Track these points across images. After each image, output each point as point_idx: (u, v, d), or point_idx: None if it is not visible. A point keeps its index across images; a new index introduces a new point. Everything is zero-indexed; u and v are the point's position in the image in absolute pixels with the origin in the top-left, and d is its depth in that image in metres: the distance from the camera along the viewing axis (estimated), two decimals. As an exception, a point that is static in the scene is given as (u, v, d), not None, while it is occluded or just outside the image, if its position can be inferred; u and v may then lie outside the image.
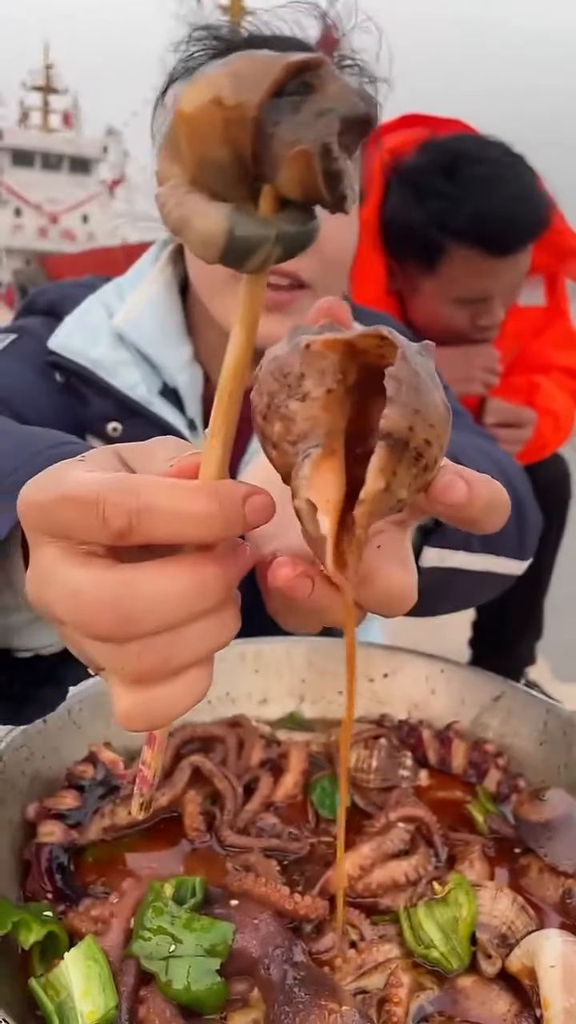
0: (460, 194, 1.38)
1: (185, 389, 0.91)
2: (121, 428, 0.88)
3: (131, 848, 0.61)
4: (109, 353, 0.89)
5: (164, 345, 0.91)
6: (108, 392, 0.88)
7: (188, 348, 0.93)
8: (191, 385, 0.91)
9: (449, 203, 1.38)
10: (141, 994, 0.47)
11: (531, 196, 1.41)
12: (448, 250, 1.41)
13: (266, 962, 0.48)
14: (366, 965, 0.51)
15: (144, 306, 0.91)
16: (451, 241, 1.40)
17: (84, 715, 0.69)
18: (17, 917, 0.50)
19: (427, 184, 1.42)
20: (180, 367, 0.91)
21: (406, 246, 1.47)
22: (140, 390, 0.88)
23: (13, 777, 0.61)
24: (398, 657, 0.80)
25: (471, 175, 1.39)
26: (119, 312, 0.91)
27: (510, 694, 0.74)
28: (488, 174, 1.39)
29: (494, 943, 0.52)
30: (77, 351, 0.88)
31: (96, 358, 0.88)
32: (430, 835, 0.62)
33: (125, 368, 0.89)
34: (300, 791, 0.67)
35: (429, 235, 1.41)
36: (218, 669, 0.79)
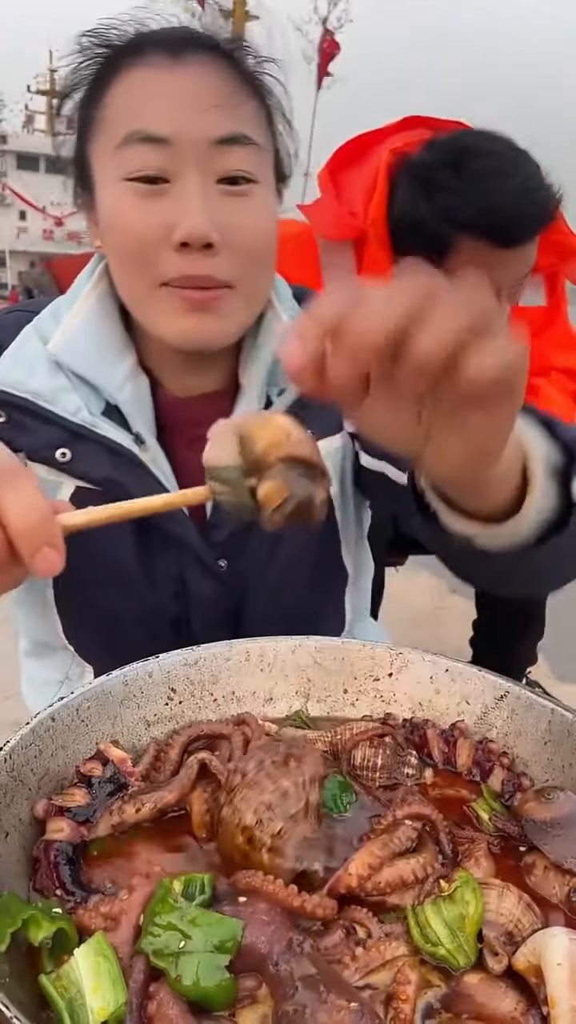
0: (467, 187, 1.38)
1: (127, 404, 0.89)
2: (69, 453, 0.87)
3: (139, 845, 0.62)
4: (48, 381, 0.88)
5: (101, 362, 0.89)
6: (51, 420, 0.87)
7: (130, 358, 0.91)
8: (134, 398, 0.90)
9: (456, 197, 1.38)
10: (150, 990, 0.47)
11: (537, 188, 1.42)
12: (456, 244, 1.41)
13: (275, 958, 0.48)
14: (373, 963, 0.52)
15: (78, 325, 0.90)
16: (459, 234, 1.40)
17: (92, 713, 0.70)
18: (27, 914, 0.50)
19: (434, 179, 1.42)
20: (120, 383, 0.89)
21: (414, 242, 1.47)
22: (83, 413, 0.87)
23: (22, 775, 0.62)
24: (403, 657, 0.80)
25: (477, 168, 1.39)
26: (54, 337, 0.90)
27: (514, 694, 0.74)
28: (494, 167, 1.40)
29: (501, 941, 0.53)
30: (16, 384, 0.88)
31: (35, 388, 0.87)
32: (436, 833, 0.62)
33: (65, 394, 0.88)
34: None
35: (437, 229, 1.42)
36: (223, 668, 0.81)
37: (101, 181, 0.84)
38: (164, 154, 0.79)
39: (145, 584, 0.93)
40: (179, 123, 0.78)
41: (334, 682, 0.81)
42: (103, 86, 0.83)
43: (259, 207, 0.84)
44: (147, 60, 0.81)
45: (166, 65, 0.80)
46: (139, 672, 0.74)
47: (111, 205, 0.83)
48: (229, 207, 0.81)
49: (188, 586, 0.93)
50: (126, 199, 0.81)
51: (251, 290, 0.86)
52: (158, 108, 0.79)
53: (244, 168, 0.82)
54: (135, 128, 0.79)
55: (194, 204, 0.79)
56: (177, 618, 0.95)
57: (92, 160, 0.85)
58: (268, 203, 0.86)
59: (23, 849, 0.59)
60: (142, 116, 0.79)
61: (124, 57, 0.82)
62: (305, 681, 0.81)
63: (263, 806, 0.58)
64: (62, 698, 0.68)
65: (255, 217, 0.84)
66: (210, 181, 0.80)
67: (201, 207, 0.79)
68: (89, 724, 0.69)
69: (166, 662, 0.76)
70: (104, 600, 0.94)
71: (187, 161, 0.79)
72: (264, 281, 0.89)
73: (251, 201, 0.83)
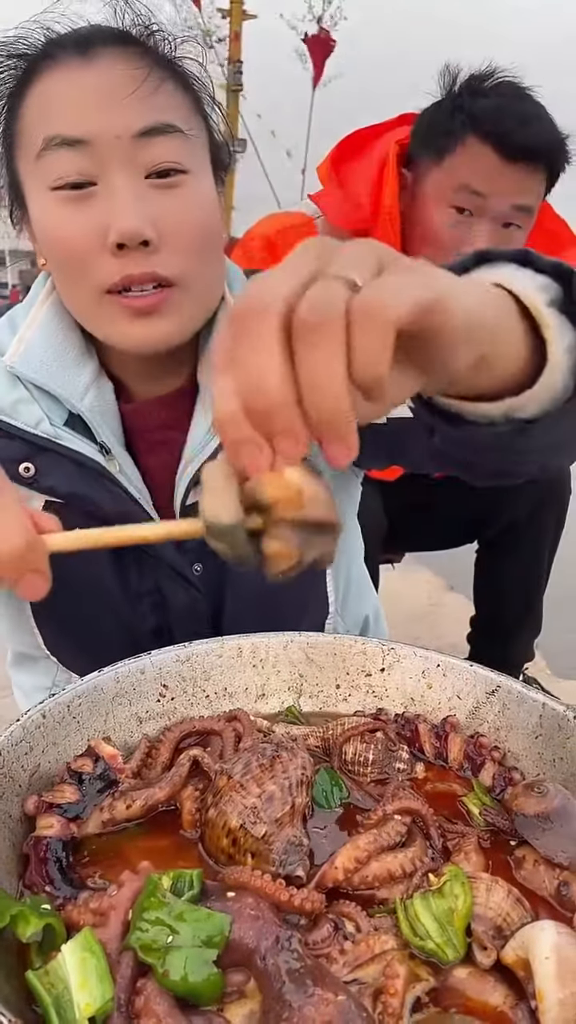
0: (490, 91, 1.47)
1: (91, 413, 0.87)
2: (33, 467, 0.86)
3: (129, 842, 0.62)
4: (6, 394, 0.86)
5: (61, 371, 0.87)
6: (12, 433, 0.85)
7: (91, 364, 0.89)
8: (98, 406, 0.88)
9: (478, 95, 1.46)
10: (138, 985, 0.47)
11: (550, 121, 1.49)
12: (463, 138, 1.46)
13: (263, 953, 0.48)
14: (362, 957, 0.52)
15: (35, 334, 0.88)
16: (466, 131, 1.45)
17: (83, 710, 0.70)
18: (15, 910, 0.50)
19: (466, 83, 1.50)
20: (82, 391, 0.87)
21: (426, 136, 1.52)
22: (44, 425, 0.86)
23: (12, 771, 0.62)
24: (395, 652, 0.80)
25: (504, 83, 1.49)
26: (9, 348, 0.88)
27: (506, 689, 0.74)
28: (520, 91, 1.48)
29: (489, 935, 0.53)
30: None
31: None
32: (426, 827, 0.62)
33: (25, 406, 0.86)
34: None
35: (450, 123, 1.47)
36: (215, 664, 0.81)
37: (30, 195, 0.82)
38: (85, 156, 0.76)
39: (122, 598, 0.91)
40: (95, 121, 0.76)
41: (326, 678, 0.81)
42: (19, 98, 0.80)
43: (194, 197, 0.81)
44: (58, 63, 0.78)
45: (77, 65, 0.78)
46: (131, 669, 0.74)
47: (42, 218, 0.81)
48: (162, 201, 0.79)
49: (166, 596, 0.92)
50: (55, 209, 0.79)
51: (197, 285, 0.83)
52: (73, 109, 0.77)
53: (172, 159, 0.79)
54: (52, 133, 0.76)
55: (124, 203, 0.76)
56: (158, 628, 0.94)
57: (20, 174, 0.83)
58: (204, 192, 0.83)
59: (13, 846, 0.59)
60: (58, 120, 0.77)
61: (36, 64, 0.80)
62: (297, 677, 0.81)
63: (248, 810, 0.58)
64: (53, 695, 0.68)
65: (191, 208, 0.81)
66: (138, 177, 0.78)
67: (131, 205, 0.76)
68: (80, 721, 0.69)
69: (158, 659, 0.76)
70: (83, 615, 0.92)
71: (110, 160, 0.77)
72: (211, 273, 0.86)
73: (185, 192, 0.80)
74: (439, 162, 1.50)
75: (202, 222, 0.82)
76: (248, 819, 0.58)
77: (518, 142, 1.43)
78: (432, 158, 1.51)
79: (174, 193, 0.80)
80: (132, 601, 0.92)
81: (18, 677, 1.07)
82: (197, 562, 0.92)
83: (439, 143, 1.49)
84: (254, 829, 0.58)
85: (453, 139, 1.47)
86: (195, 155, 0.82)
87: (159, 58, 0.80)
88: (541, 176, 1.49)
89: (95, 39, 0.79)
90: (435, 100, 1.53)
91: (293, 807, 0.60)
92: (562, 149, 1.49)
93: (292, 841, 0.58)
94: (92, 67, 0.77)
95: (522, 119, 1.43)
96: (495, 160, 1.44)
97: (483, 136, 1.43)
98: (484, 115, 1.43)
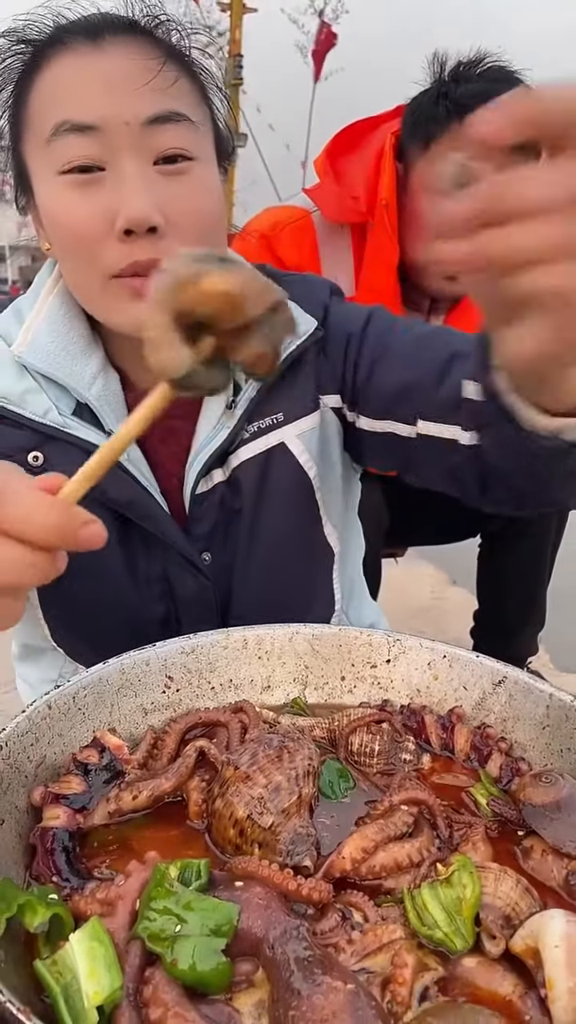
0: (477, 77, 1.47)
1: (98, 401, 0.88)
2: (42, 456, 0.86)
3: (136, 832, 0.62)
4: (14, 384, 0.86)
5: (68, 361, 0.88)
6: (21, 423, 0.86)
7: (98, 354, 0.90)
8: (105, 395, 0.89)
9: (464, 82, 1.46)
10: (146, 974, 0.47)
11: None
12: (448, 126, 1.46)
13: (271, 942, 0.48)
14: (370, 946, 0.51)
15: (42, 324, 0.89)
16: (453, 117, 1.45)
17: (88, 702, 0.69)
18: (23, 900, 0.50)
19: (453, 69, 1.50)
20: (89, 380, 0.88)
21: (414, 125, 1.52)
22: (52, 415, 0.86)
23: (18, 762, 0.62)
24: (400, 643, 0.80)
25: (492, 68, 1.49)
26: (17, 339, 0.88)
27: (512, 679, 0.74)
28: (507, 75, 1.48)
29: (498, 924, 0.53)
30: None
31: (2, 392, 0.86)
32: (433, 817, 0.62)
33: (33, 395, 0.86)
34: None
35: (434, 109, 1.47)
36: (221, 656, 0.81)
37: (37, 180, 0.82)
38: (95, 141, 0.77)
39: (130, 585, 0.91)
40: (106, 108, 0.76)
41: (331, 669, 0.81)
42: (27, 83, 0.81)
43: (201, 184, 0.82)
44: (68, 49, 0.79)
45: (87, 51, 0.78)
46: (136, 661, 0.74)
47: (49, 203, 0.81)
48: (169, 188, 0.79)
49: (173, 584, 0.92)
50: (63, 194, 0.79)
51: None
52: (83, 95, 0.77)
53: (180, 146, 0.79)
54: (62, 118, 0.77)
55: (133, 189, 0.77)
56: (166, 617, 0.94)
57: (27, 159, 0.83)
58: (210, 180, 0.84)
59: (19, 837, 0.59)
60: (67, 105, 0.77)
61: (45, 50, 0.80)
62: (303, 668, 0.81)
63: (255, 800, 0.58)
64: (58, 686, 0.68)
65: (198, 195, 0.81)
66: (146, 163, 0.78)
67: (140, 191, 0.77)
68: (86, 712, 0.69)
69: (163, 650, 0.76)
70: (90, 604, 0.92)
71: (119, 146, 0.77)
72: None
73: (191, 179, 0.81)
74: (425, 151, 1.50)
75: (208, 208, 0.83)
76: (255, 809, 0.58)
77: None
78: (420, 147, 1.51)
79: (181, 180, 0.80)
80: (140, 588, 0.92)
81: (23, 670, 1.06)
82: (206, 551, 0.92)
83: (425, 131, 1.49)
84: (261, 819, 0.58)
85: (438, 126, 1.47)
86: (201, 143, 0.83)
87: (168, 47, 0.81)
88: (532, 159, 1.48)
89: (105, 27, 0.79)
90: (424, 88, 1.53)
91: (300, 797, 0.59)
92: None
93: (299, 831, 0.58)
94: (102, 54, 0.78)
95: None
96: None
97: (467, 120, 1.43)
98: (467, 100, 1.42)
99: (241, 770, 0.60)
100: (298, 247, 1.59)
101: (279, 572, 0.96)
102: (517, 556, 1.86)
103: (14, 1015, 0.41)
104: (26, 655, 1.05)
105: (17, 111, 0.82)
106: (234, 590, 0.95)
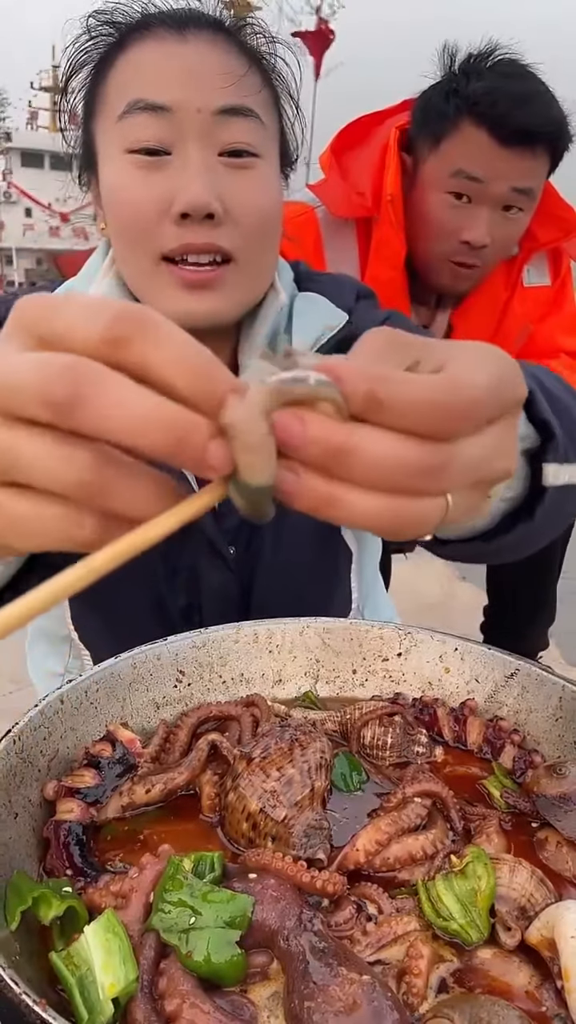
0: (486, 72, 1.44)
1: None
2: None
3: (149, 826, 0.62)
4: None
5: None
6: None
7: None
8: None
9: (474, 77, 1.43)
10: (161, 966, 0.47)
11: (550, 101, 1.44)
12: (459, 123, 1.44)
13: (286, 934, 0.48)
14: (385, 938, 0.51)
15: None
16: (462, 114, 1.43)
17: (101, 696, 0.69)
18: (37, 892, 0.50)
19: (464, 62, 1.47)
20: None
21: (424, 120, 1.50)
22: None
23: (31, 756, 0.62)
24: (412, 636, 0.80)
25: (503, 63, 1.46)
26: None
27: (524, 671, 0.74)
28: (519, 70, 1.45)
29: (513, 915, 0.52)
30: None
31: None
32: (447, 809, 0.62)
33: None
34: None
35: (444, 105, 1.45)
36: (232, 650, 0.80)
37: (103, 157, 0.84)
38: (165, 123, 0.78)
39: (161, 572, 0.92)
40: (180, 92, 0.78)
41: (343, 663, 0.81)
42: (109, 64, 0.82)
43: (262, 181, 0.83)
44: (152, 35, 0.81)
45: (170, 39, 0.80)
46: (147, 655, 0.74)
47: (113, 180, 0.82)
48: (231, 180, 0.80)
49: (200, 574, 0.93)
50: (127, 172, 0.80)
51: (253, 265, 0.85)
52: (160, 77, 0.79)
53: (246, 140, 0.81)
54: (136, 97, 0.78)
55: (195, 174, 0.78)
56: (189, 606, 0.94)
57: (96, 137, 0.85)
58: (271, 179, 0.85)
59: (33, 830, 0.59)
60: (144, 86, 0.79)
61: (130, 34, 0.82)
62: (314, 662, 0.80)
63: (268, 793, 0.58)
64: (70, 680, 0.68)
65: (258, 191, 0.82)
66: (212, 153, 0.80)
67: (202, 177, 0.78)
68: (98, 707, 0.69)
69: (174, 645, 0.76)
70: (117, 587, 0.92)
71: (188, 131, 0.78)
72: (267, 258, 0.88)
73: (254, 174, 0.82)
74: (435, 147, 1.48)
75: (267, 206, 0.84)
76: (268, 803, 0.58)
77: (513, 124, 1.40)
78: (429, 143, 1.49)
79: (244, 174, 0.81)
80: (168, 576, 0.92)
81: (34, 659, 1.08)
82: (232, 544, 0.93)
83: (435, 127, 1.47)
84: (274, 812, 0.57)
85: (448, 123, 1.45)
86: (267, 143, 0.84)
87: (249, 51, 0.83)
88: (542, 158, 1.46)
89: (191, 21, 0.82)
90: (434, 82, 1.51)
91: (313, 790, 0.59)
92: (563, 128, 1.46)
93: (312, 824, 0.58)
94: (185, 43, 0.80)
95: (519, 99, 1.40)
96: (490, 144, 1.41)
97: (477, 119, 1.41)
98: (478, 97, 1.40)
99: (254, 763, 0.60)
100: (301, 243, 1.59)
101: (299, 569, 0.96)
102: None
103: (30, 1007, 0.41)
104: (36, 640, 1.06)
105: (94, 89, 0.84)
106: (255, 585, 0.95)
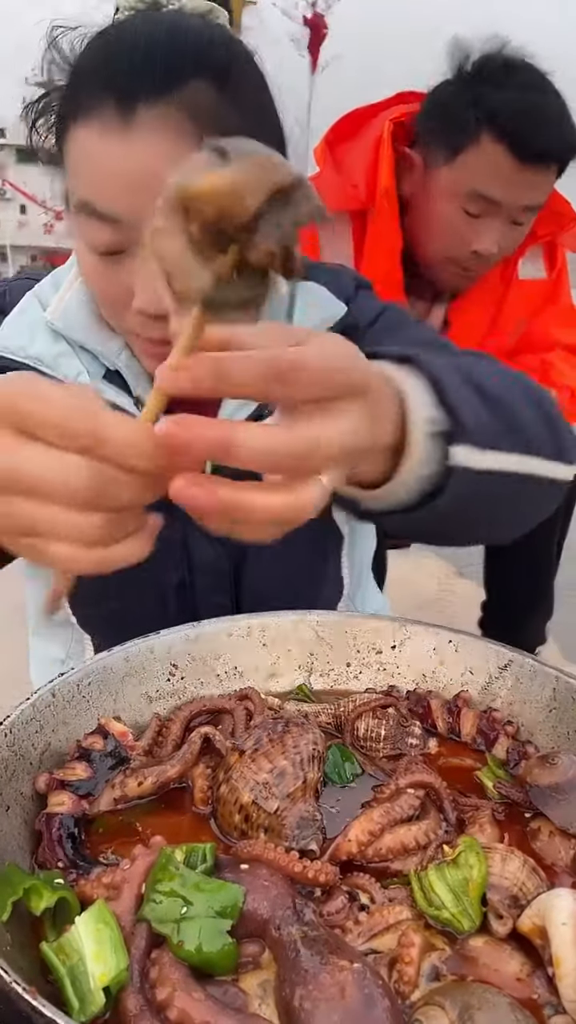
0: (509, 84, 1.40)
1: (127, 370, 0.90)
2: None
3: (141, 818, 0.62)
4: (48, 347, 0.89)
5: (98, 332, 0.89)
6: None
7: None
8: (131, 365, 0.90)
9: (496, 88, 1.39)
10: (153, 956, 0.47)
11: (567, 116, 1.42)
12: (478, 137, 1.41)
13: (277, 923, 0.48)
14: (377, 927, 0.51)
15: (72, 299, 0.90)
16: (482, 128, 1.40)
17: (93, 689, 0.69)
18: (28, 883, 0.50)
19: (483, 67, 1.44)
20: (117, 350, 0.90)
21: (436, 128, 1.47)
22: (83, 378, 0.88)
23: (23, 749, 0.62)
24: (406, 629, 0.80)
25: (527, 75, 1.42)
26: (51, 305, 0.90)
27: (518, 663, 0.74)
28: (542, 83, 1.42)
29: (505, 904, 0.52)
30: (17, 350, 0.88)
31: (36, 354, 0.88)
32: (440, 800, 0.62)
33: (66, 359, 0.89)
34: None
35: (463, 116, 1.41)
36: (225, 643, 0.80)
37: (70, 216, 0.81)
38: (115, 230, 0.75)
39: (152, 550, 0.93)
40: (128, 202, 0.73)
41: (337, 656, 0.81)
42: (65, 127, 0.78)
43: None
44: (97, 115, 0.73)
45: (114, 128, 0.72)
46: (140, 648, 0.74)
47: (79, 253, 0.82)
48: None
49: (191, 550, 0.94)
50: (91, 259, 0.79)
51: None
52: (107, 182, 0.74)
53: None
54: (85, 199, 0.75)
55: (143, 280, 0.76)
56: (180, 583, 0.95)
57: (66, 186, 0.81)
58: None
59: (25, 823, 0.59)
60: (92, 185, 0.75)
61: (75, 111, 0.75)
62: (308, 655, 0.80)
63: (260, 785, 0.58)
64: (62, 674, 0.68)
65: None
66: None
67: (149, 284, 0.75)
68: (90, 700, 0.69)
69: (167, 638, 0.76)
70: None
71: (139, 235, 0.73)
72: None
73: None
74: (451, 159, 1.45)
75: None
76: (260, 794, 0.58)
77: (536, 147, 1.38)
78: (444, 152, 1.46)
79: None
80: (159, 553, 0.93)
81: (36, 647, 1.09)
82: None
83: (453, 138, 1.43)
84: (266, 804, 0.57)
85: (466, 136, 1.41)
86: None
87: (211, 114, 0.73)
88: (553, 172, 1.45)
89: (142, 92, 0.72)
90: (444, 78, 1.47)
91: (305, 782, 0.59)
92: (575, 145, 1.46)
93: (305, 816, 0.58)
94: (131, 137, 0.72)
95: (542, 120, 1.37)
96: (510, 164, 1.39)
97: (498, 135, 1.38)
98: (503, 112, 1.37)
99: (246, 755, 0.60)
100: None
101: (290, 546, 0.96)
102: (524, 545, 1.85)
103: (20, 995, 0.41)
104: (39, 629, 1.06)
105: (60, 137, 0.79)
106: (247, 562, 0.95)
